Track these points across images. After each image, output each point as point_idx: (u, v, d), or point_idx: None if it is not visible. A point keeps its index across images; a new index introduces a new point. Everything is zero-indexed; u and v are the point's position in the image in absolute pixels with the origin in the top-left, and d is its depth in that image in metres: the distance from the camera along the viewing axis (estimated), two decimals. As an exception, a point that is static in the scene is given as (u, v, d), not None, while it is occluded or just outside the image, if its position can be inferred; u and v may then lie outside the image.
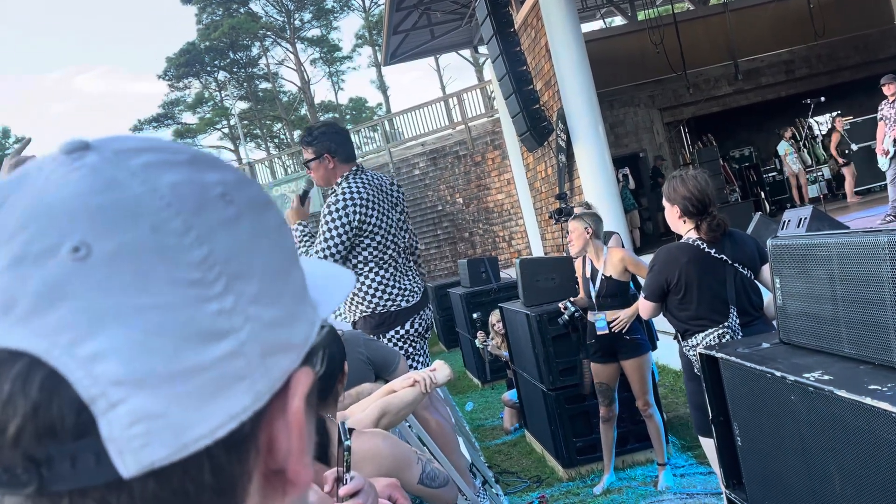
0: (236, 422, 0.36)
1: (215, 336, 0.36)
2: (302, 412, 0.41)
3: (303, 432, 0.41)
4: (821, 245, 1.91)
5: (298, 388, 0.41)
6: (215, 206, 0.39)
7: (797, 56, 15.02)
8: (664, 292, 3.12)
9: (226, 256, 0.38)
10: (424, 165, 17.37)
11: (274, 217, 0.43)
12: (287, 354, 0.40)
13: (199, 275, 0.36)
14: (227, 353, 0.36)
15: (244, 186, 0.42)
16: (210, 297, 0.36)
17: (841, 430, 1.67)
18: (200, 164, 0.40)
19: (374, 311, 3.44)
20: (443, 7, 14.10)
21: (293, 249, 0.44)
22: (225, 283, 0.37)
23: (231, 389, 0.36)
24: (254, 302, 0.38)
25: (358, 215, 3.28)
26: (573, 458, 4.68)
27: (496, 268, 8.34)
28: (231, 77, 36.58)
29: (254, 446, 0.39)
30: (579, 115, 10.45)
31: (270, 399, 0.39)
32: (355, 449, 1.54)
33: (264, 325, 0.38)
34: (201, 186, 0.39)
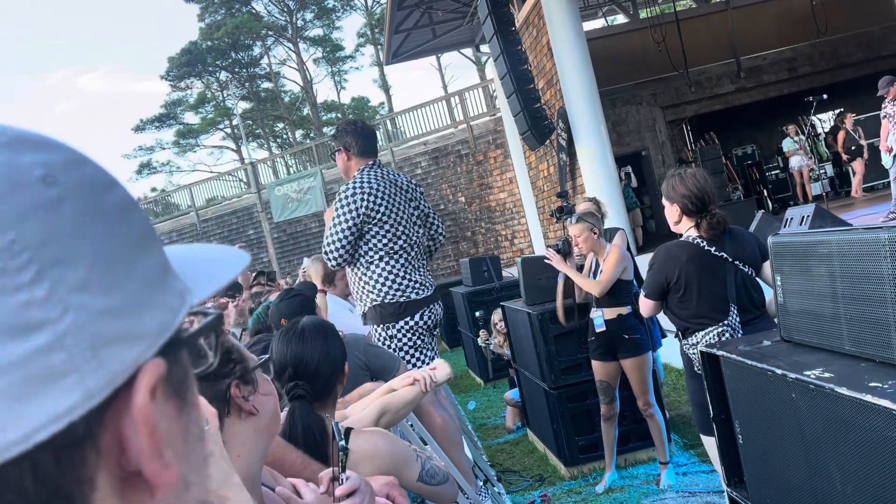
0: (62, 423, 0.33)
1: (24, 329, 0.33)
2: (148, 407, 0.37)
3: (154, 429, 0.37)
4: (821, 242, 1.90)
5: (143, 381, 0.37)
6: (30, 189, 0.35)
7: (799, 53, 14.99)
8: (664, 291, 3.11)
9: (39, 241, 0.34)
10: (426, 164, 17.37)
11: (115, 199, 0.40)
12: (131, 345, 0.37)
13: (1, 263, 0.33)
14: (40, 347, 0.33)
15: (75, 167, 0.39)
16: (16, 287, 0.33)
17: (842, 427, 1.67)
18: (20, 146, 0.37)
19: (384, 300, 3.55)
20: (444, 6, 14.09)
21: (144, 233, 0.41)
22: (37, 270, 0.34)
23: (51, 387, 0.33)
24: (79, 290, 0.35)
25: (366, 203, 3.46)
26: (575, 456, 4.68)
27: (498, 267, 8.34)
28: (233, 77, 36.59)
29: (93, 449, 0.35)
30: (581, 113, 10.44)
31: (112, 395, 0.35)
32: (354, 448, 1.54)
33: (94, 314, 0.35)
34: (15, 169, 0.36)
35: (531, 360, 4.91)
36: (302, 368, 1.76)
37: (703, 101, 14.80)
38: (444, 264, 16.94)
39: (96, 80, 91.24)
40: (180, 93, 37.16)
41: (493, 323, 6.31)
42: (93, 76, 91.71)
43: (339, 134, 3.70)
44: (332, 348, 1.82)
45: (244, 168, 21.11)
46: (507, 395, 6.19)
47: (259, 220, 19.10)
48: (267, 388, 1.12)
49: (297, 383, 1.72)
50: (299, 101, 37.75)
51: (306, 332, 1.81)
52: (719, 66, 14.82)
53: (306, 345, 1.78)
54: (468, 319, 8.00)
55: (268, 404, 1.09)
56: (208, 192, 21.42)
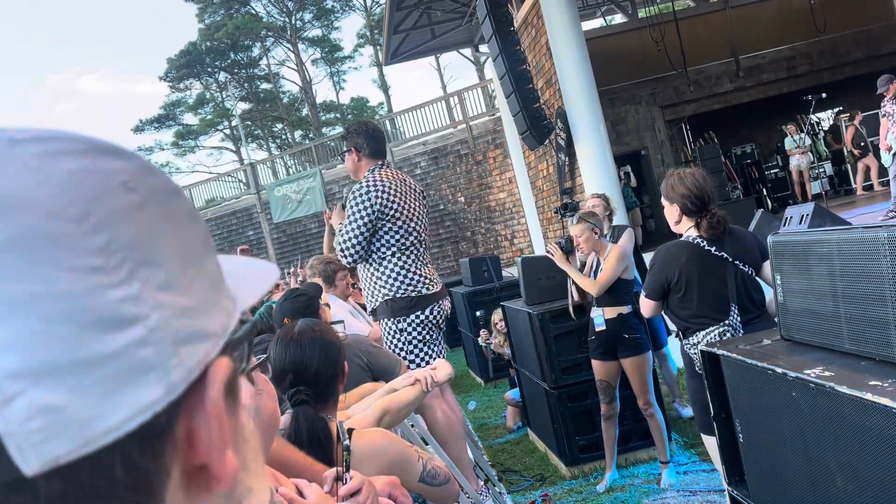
0: (148, 414, 0.35)
1: (120, 323, 0.35)
2: (221, 403, 0.39)
3: (223, 424, 0.39)
4: (821, 241, 1.90)
5: (216, 378, 0.39)
6: (116, 193, 0.37)
7: (798, 52, 14.99)
8: (664, 291, 3.11)
9: (128, 243, 0.36)
10: (426, 165, 17.37)
11: (182, 205, 0.42)
12: (202, 343, 0.39)
13: (101, 261, 0.35)
14: (134, 341, 0.35)
15: (148, 175, 0.41)
16: (114, 284, 0.35)
17: (842, 426, 1.67)
18: (100, 153, 0.39)
19: (396, 295, 3.64)
20: (443, 6, 14.09)
21: (206, 239, 0.43)
22: (129, 269, 0.36)
23: (141, 379, 0.35)
24: (162, 288, 0.37)
25: (381, 199, 3.57)
26: (576, 456, 4.68)
27: (498, 266, 8.34)
28: (232, 78, 36.60)
29: (170, 440, 0.37)
30: (580, 113, 10.44)
31: (186, 390, 0.37)
32: (356, 448, 1.54)
33: (175, 312, 0.37)
34: (101, 174, 0.38)
35: (531, 360, 4.91)
36: (302, 373, 1.76)
37: (702, 101, 14.81)
38: (444, 264, 16.94)
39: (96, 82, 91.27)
40: (179, 94, 37.17)
41: (494, 323, 6.31)
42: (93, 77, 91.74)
43: (349, 135, 3.78)
44: (330, 350, 1.82)
45: (243, 169, 21.10)
46: (507, 395, 6.20)
47: (259, 220, 19.10)
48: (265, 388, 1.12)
49: (299, 389, 1.73)
50: (298, 102, 37.74)
51: (304, 336, 1.81)
52: (718, 65, 14.83)
53: (304, 349, 1.78)
54: (468, 319, 8.00)
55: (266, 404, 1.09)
56: (208, 193, 21.43)
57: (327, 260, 4.55)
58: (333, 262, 4.50)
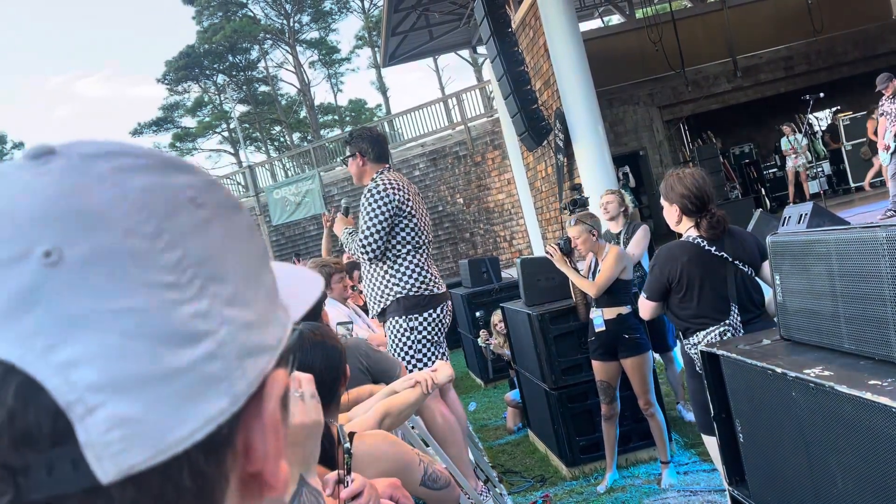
0: (214, 424, 0.36)
1: (193, 338, 0.36)
2: (278, 414, 0.40)
3: (279, 434, 0.41)
4: (819, 241, 1.91)
5: (274, 390, 0.40)
6: (186, 209, 0.38)
7: (796, 52, 15.02)
8: (666, 291, 3.11)
9: (199, 259, 0.37)
10: (424, 166, 17.38)
11: (243, 220, 0.43)
12: (262, 356, 0.40)
13: (174, 278, 0.36)
14: (204, 355, 0.36)
15: (213, 190, 0.42)
16: (185, 300, 0.36)
17: (842, 425, 1.68)
18: (169, 169, 0.40)
19: (409, 293, 3.69)
20: (441, 8, 14.11)
21: (264, 252, 0.44)
22: (199, 285, 0.37)
23: (209, 392, 0.36)
24: (229, 304, 0.38)
25: (397, 197, 3.63)
26: (576, 456, 4.68)
27: (497, 268, 8.34)
28: (230, 80, 36.62)
29: (231, 449, 0.38)
30: (579, 114, 10.45)
31: (247, 401, 0.38)
32: (357, 451, 1.54)
33: (240, 326, 0.38)
34: (171, 190, 0.39)
35: (531, 361, 4.91)
36: None
37: (700, 101, 14.83)
38: (443, 266, 16.95)
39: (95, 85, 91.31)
40: (177, 96, 37.21)
41: (493, 324, 6.31)
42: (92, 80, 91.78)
43: (354, 140, 3.80)
44: (331, 354, 1.82)
45: (242, 171, 21.11)
46: (507, 396, 6.20)
47: (257, 223, 19.11)
48: None
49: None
50: (297, 104, 37.75)
51: (305, 340, 1.82)
52: (716, 65, 14.85)
53: (306, 353, 1.79)
54: (468, 320, 8.00)
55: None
56: (206, 196, 21.40)
57: (322, 263, 4.55)
58: (329, 264, 4.50)
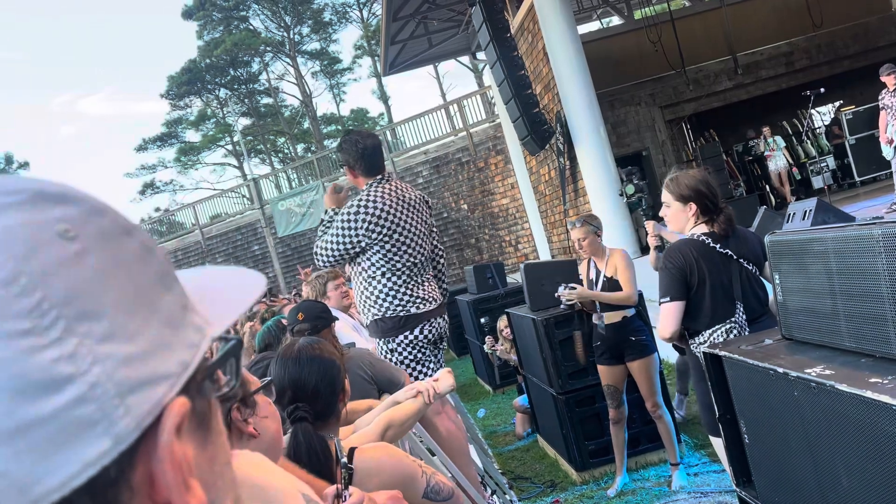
0: (95, 468, 0.35)
1: (54, 385, 0.34)
2: (173, 445, 0.38)
3: (179, 465, 0.39)
4: (817, 240, 1.90)
5: (168, 423, 0.38)
6: (53, 245, 0.37)
7: (796, 47, 14.98)
8: (687, 287, 2.99)
9: (64, 298, 0.36)
10: (428, 173, 17.41)
11: (134, 244, 0.41)
12: (156, 387, 0.38)
13: (30, 324, 0.34)
14: (71, 400, 0.34)
15: (93, 218, 0.40)
16: (45, 346, 0.34)
17: (845, 424, 1.67)
18: (41, 202, 0.38)
19: (384, 315, 3.58)
20: (439, 15, 14.15)
21: (163, 274, 0.42)
22: (64, 326, 0.35)
23: (83, 436, 0.34)
24: (105, 340, 0.36)
25: (368, 223, 3.46)
26: (586, 461, 4.67)
27: (502, 273, 8.33)
28: (232, 93, 36.78)
29: (126, 487, 0.37)
30: (580, 116, 10.46)
31: (143, 435, 0.37)
32: (359, 465, 1.55)
33: (119, 362, 0.37)
34: (37, 227, 0.37)
35: (538, 366, 4.91)
36: (300, 390, 1.77)
37: (701, 99, 14.81)
38: (449, 272, 16.93)
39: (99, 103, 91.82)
40: (181, 111, 37.37)
41: (500, 329, 6.30)
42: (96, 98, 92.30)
43: (342, 150, 3.66)
44: (328, 367, 1.82)
45: (247, 184, 21.18)
46: (516, 402, 6.19)
47: (263, 235, 19.15)
48: (267, 410, 1.13)
49: (297, 406, 1.73)
50: (299, 116, 37.89)
51: (302, 353, 1.82)
52: (716, 63, 14.83)
53: (303, 367, 1.79)
54: (474, 327, 7.99)
55: (269, 426, 1.10)
56: (212, 210, 21.51)
57: (317, 275, 4.56)
58: (322, 275, 4.50)
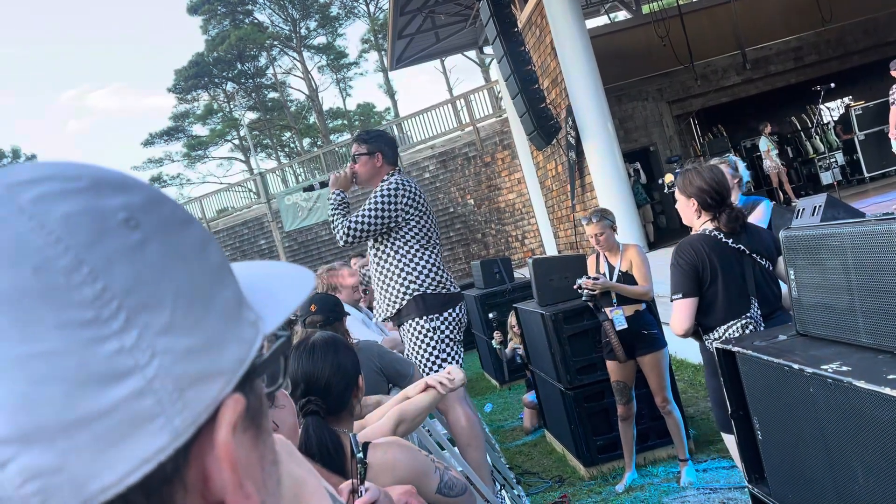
0: (152, 464, 0.34)
1: (115, 377, 0.34)
2: (231, 444, 0.38)
3: (236, 464, 0.38)
4: (833, 235, 1.89)
5: (224, 419, 0.38)
6: (116, 233, 0.36)
7: (805, 42, 14.91)
8: (699, 283, 2.95)
9: (127, 288, 0.35)
10: (434, 168, 17.39)
11: (193, 235, 0.40)
12: (212, 383, 0.37)
13: (93, 313, 0.34)
14: (130, 393, 0.34)
15: (154, 207, 0.39)
16: (107, 336, 0.34)
17: (861, 421, 1.65)
18: (102, 189, 0.38)
19: (427, 290, 3.61)
20: (446, 9, 14.11)
21: (218, 267, 0.41)
22: (125, 317, 0.34)
23: (141, 431, 0.34)
24: (164, 333, 0.36)
25: (408, 198, 3.60)
26: (594, 456, 4.66)
27: (509, 268, 8.32)
28: (239, 88, 36.80)
29: (181, 485, 0.36)
30: (587, 111, 10.42)
31: (197, 432, 0.36)
32: (373, 460, 1.54)
33: (178, 356, 0.36)
34: (100, 214, 0.36)
35: (546, 361, 4.90)
36: (313, 383, 1.76)
37: (709, 94, 14.75)
38: (456, 267, 16.94)
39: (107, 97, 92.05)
40: (187, 105, 37.43)
41: (510, 325, 6.26)
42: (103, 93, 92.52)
43: (372, 140, 3.74)
44: (343, 362, 1.82)
45: (253, 178, 21.20)
46: (525, 398, 6.19)
47: (270, 229, 19.17)
48: (283, 401, 1.13)
49: (309, 399, 1.73)
50: (306, 110, 37.89)
51: (317, 347, 1.82)
52: (725, 58, 14.77)
53: (316, 360, 1.79)
54: (481, 322, 7.99)
55: (287, 419, 1.09)
56: (219, 204, 21.54)
57: (329, 267, 4.55)
58: (334, 267, 4.49)
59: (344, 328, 3.12)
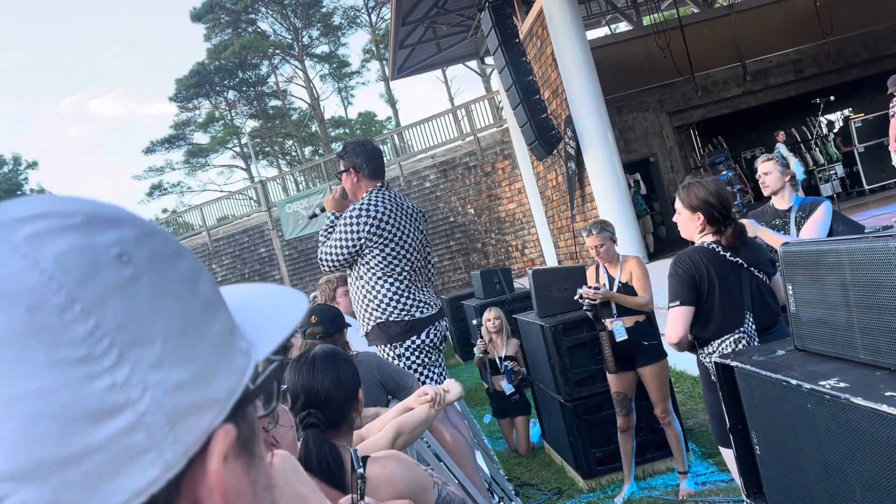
0: (144, 497, 0.35)
1: (107, 413, 0.34)
2: (222, 473, 0.38)
3: (227, 493, 0.38)
4: (832, 251, 1.90)
5: (215, 450, 0.38)
6: (108, 270, 0.37)
7: (805, 55, 14.96)
8: (697, 293, 2.95)
9: (118, 324, 0.36)
10: (435, 178, 17.41)
11: (184, 267, 0.41)
12: (203, 414, 0.38)
13: (85, 351, 0.34)
14: (123, 428, 0.34)
15: (147, 241, 0.40)
16: (99, 373, 0.34)
17: (858, 437, 1.66)
18: (95, 225, 0.38)
19: (389, 318, 3.54)
20: (448, 20, 14.16)
21: (211, 296, 0.42)
22: (118, 353, 0.35)
23: (133, 465, 0.34)
24: (155, 367, 0.36)
25: (369, 227, 3.46)
26: (593, 468, 4.66)
27: (509, 278, 8.33)
28: (241, 96, 36.88)
29: None
30: (588, 121, 10.45)
31: (189, 462, 0.37)
32: (371, 475, 1.54)
33: (169, 390, 0.36)
34: (92, 250, 0.37)
35: (545, 373, 4.89)
36: (313, 396, 1.76)
37: (710, 106, 14.79)
38: (455, 276, 16.94)
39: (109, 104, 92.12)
40: (189, 113, 37.50)
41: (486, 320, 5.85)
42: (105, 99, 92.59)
43: (347, 154, 3.62)
44: (343, 375, 1.82)
45: (254, 186, 21.22)
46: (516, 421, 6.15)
47: (270, 238, 19.18)
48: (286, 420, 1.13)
49: (309, 412, 1.73)
50: (307, 118, 37.96)
51: (317, 360, 1.82)
52: (725, 69, 14.81)
53: (317, 373, 1.79)
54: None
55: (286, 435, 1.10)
56: (219, 212, 21.55)
57: (326, 279, 4.56)
58: (332, 280, 4.49)
59: (344, 340, 3.12)
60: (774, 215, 3.94)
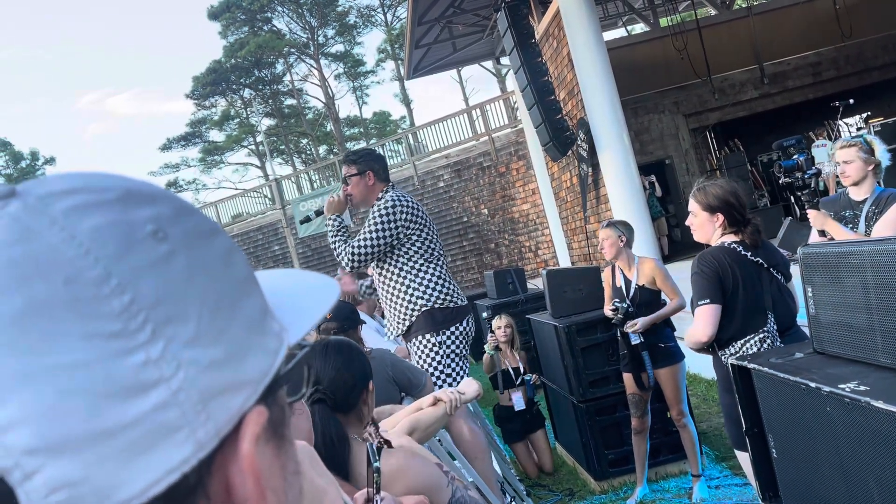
0: (175, 475, 0.34)
1: (140, 389, 0.34)
2: (254, 456, 0.38)
3: (259, 475, 0.38)
4: (853, 253, 1.87)
5: (247, 431, 0.38)
6: (144, 246, 0.36)
7: (824, 58, 14.82)
8: (723, 292, 2.88)
9: (153, 300, 0.35)
10: (449, 177, 17.41)
11: (219, 246, 0.41)
12: (236, 394, 0.37)
13: (120, 325, 0.34)
14: (156, 405, 0.34)
15: (182, 218, 0.39)
16: (133, 348, 0.34)
17: (879, 441, 1.64)
18: (131, 201, 0.38)
19: (435, 305, 3.60)
20: (464, 20, 14.15)
21: (245, 276, 0.41)
22: (152, 329, 0.35)
23: (165, 442, 0.34)
24: (189, 344, 0.36)
25: (406, 213, 3.57)
26: (605, 470, 4.63)
27: (523, 279, 8.31)
28: (256, 94, 37.05)
29: (204, 496, 0.36)
30: (603, 123, 10.40)
31: (221, 443, 0.36)
32: (385, 468, 1.54)
33: (203, 368, 0.36)
34: (128, 226, 0.36)
35: (559, 373, 4.88)
36: (321, 381, 1.77)
37: (726, 108, 14.68)
38: (468, 276, 16.94)
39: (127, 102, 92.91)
40: (205, 111, 37.72)
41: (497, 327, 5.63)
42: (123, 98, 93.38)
43: (362, 158, 3.70)
44: (353, 363, 1.83)
45: (269, 184, 21.31)
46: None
47: (284, 235, 19.25)
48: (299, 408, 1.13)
49: (317, 388, 1.72)
50: (322, 117, 38.07)
51: (329, 347, 1.83)
52: (742, 72, 14.70)
53: (327, 359, 1.80)
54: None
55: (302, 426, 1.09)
56: (234, 209, 21.69)
57: (337, 277, 4.56)
58: (338, 277, 4.50)
59: (358, 336, 3.12)
60: (847, 205, 3.60)
